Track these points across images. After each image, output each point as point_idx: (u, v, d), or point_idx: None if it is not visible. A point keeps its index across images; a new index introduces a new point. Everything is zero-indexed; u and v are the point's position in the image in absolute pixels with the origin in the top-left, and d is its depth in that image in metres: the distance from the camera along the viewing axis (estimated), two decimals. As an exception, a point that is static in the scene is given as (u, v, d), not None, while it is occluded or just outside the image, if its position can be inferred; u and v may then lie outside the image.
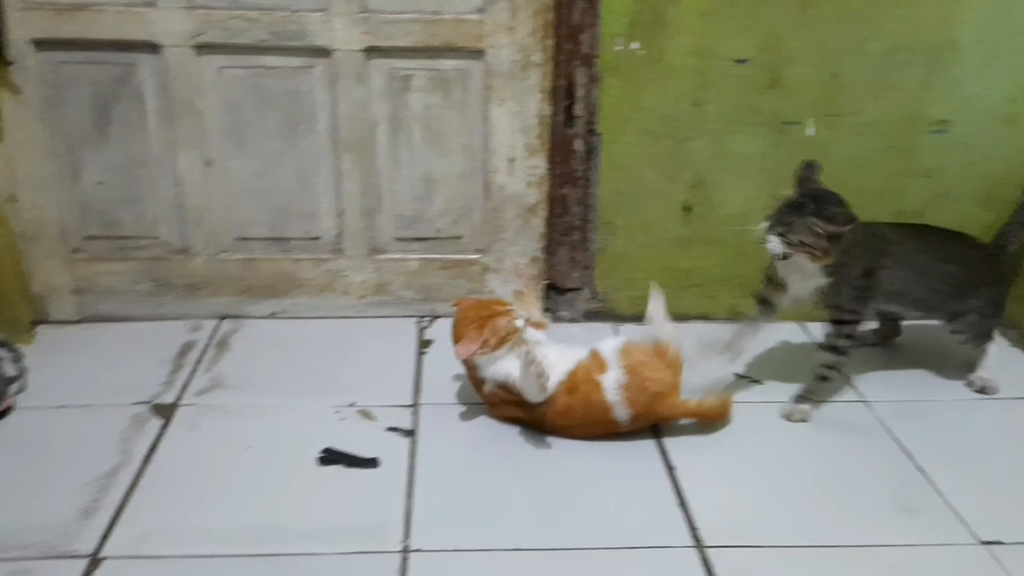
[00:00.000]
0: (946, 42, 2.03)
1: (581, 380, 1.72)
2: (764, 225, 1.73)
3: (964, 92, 2.08)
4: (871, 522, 1.55)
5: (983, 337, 1.95)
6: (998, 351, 2.04)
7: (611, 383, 1.70)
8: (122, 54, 1.96)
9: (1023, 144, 2.12)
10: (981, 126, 2.11)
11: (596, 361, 1.74)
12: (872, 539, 1.51)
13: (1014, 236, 2.01)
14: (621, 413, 1.71)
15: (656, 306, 1.83)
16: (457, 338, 1.77)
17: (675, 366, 1.75)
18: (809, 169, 1.76)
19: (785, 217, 1.69)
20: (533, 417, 1.75)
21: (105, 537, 1.48)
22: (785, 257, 1.72)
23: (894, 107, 2.09)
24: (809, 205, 1.68)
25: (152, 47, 1.96)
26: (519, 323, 1.75)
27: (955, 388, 1.98)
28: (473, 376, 1.80)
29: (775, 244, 1.70)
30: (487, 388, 1.77)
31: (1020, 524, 1.55)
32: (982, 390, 1.95)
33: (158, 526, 1.51)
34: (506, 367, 1.74)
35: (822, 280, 1.76)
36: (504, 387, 1.74)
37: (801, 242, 1.68)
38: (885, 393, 1.94)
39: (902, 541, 1.51)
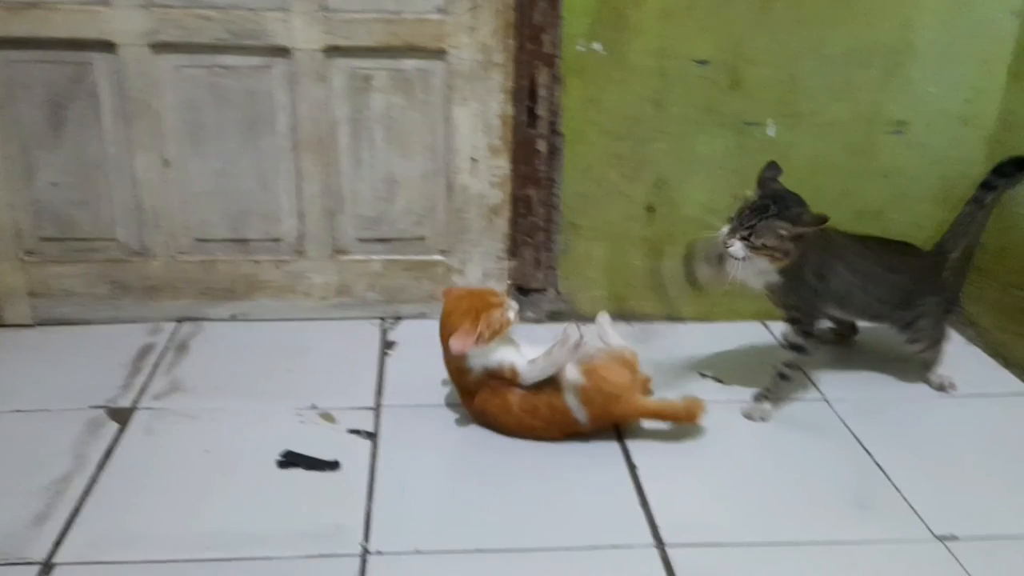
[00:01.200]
0: (903, 44, 2.06)
1: (544, 381, 1.72)
2: (725, 229, 1.72)
3: (921, 93, 2.11)
4: (829, 518, 1.56)
5: (938, 342, 1.98)
6: (957, 349, 2.08)
7: (570, 385, 1.71)
8: (76, 53, 1.93)
9: (979, 144, 2.15)
10: (938, 127, 2.14)
11: None
12: (830, 535, 1.52)
13: (955, 243, 2.05)
14: (580, 414, 1.72)
15: (604, 324, 1.86)
16: (449, 329, 1.72)
17: (632, 367, 1.76)
18: (771, 170, 1.75)
19: (748, 220, 1.69)
20: (503, 408, 1.73)
21: (58, 543, 1.45)
22: (745, 259, 1.71)
23: (853, 108, 2.11)
24: (771, 207, 1.68)
25: (107, 46, 1.93)
26: (511, 315, 1.74)
27: (914, 386, 2.00)
28: (457, 365, 1.76)
29: (738, 248, 1.69)
30: (473, 376, 1.74)
31: (974, 519, 1.57)
32: (940, 388, 1.98)
33: (113, 531, 1.48)
34: (498, 355, 1.72)
35: (774, 278, 1.77)
36: (494, 374, 1.73)
37: (764, 245, 1.68)
38: (845, 392, 1.96)
39: (859, 537, 1.52)
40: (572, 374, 1.71)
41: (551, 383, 1.71)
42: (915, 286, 1.91)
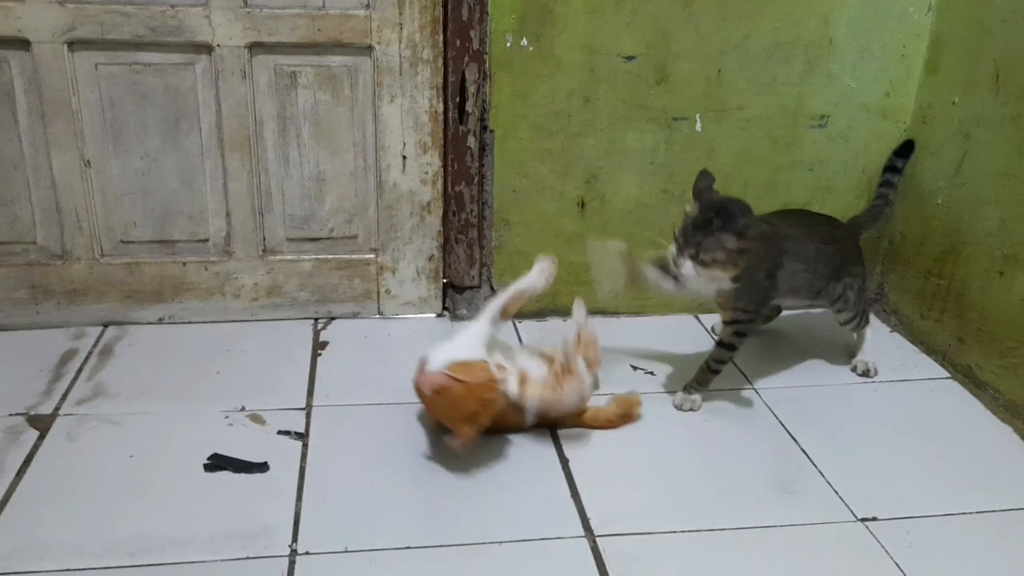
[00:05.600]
0: (823, 39, 2.10)
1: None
2: (673, 248, 1.69)
3: (842, 87, 2.16)
4: (756, 504, 1.59)
5: (863, 317, 2.02)
6: (880, 336, 2.14)
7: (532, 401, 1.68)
8: (-12, 50, 1.88)
9: (898, 137, 2.20)
10: (858, 120, 2.19)
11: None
12: (757, 520, 1.55)
13: (864, 228, 2.10)
14: (530, 417, 1.72)
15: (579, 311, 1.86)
16: (451, 425, 1.60)
17: (582, 378, 1.75)
18: (705, 179, 1.71)
19: (694, 237, 1.66)
20: None
21: (-28, 555, 1.41)
22: (697, 276, 1.69)
23: (777, 102, 2.15)
24: (715, 220, 1.64)
25: (21, 43, 1.87)
26: (504, 391, 1.61)
27: (839, 373, 2.04)
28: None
29: (689, 268, 1.66)
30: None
31: (894, 501, 1.61)
32: (865, 373, 2.03)
33: (30, 541, 1.44)
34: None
35: (727, 285, 1.75)
36: None
37: (714, 260, 1.66)
38: (773, 380, 2.00)
39: (785, 521, 1.55)
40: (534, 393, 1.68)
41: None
42: (843, 256, 1.95)
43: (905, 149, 2.17)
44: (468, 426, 1.56)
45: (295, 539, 1.47)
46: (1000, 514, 1.59)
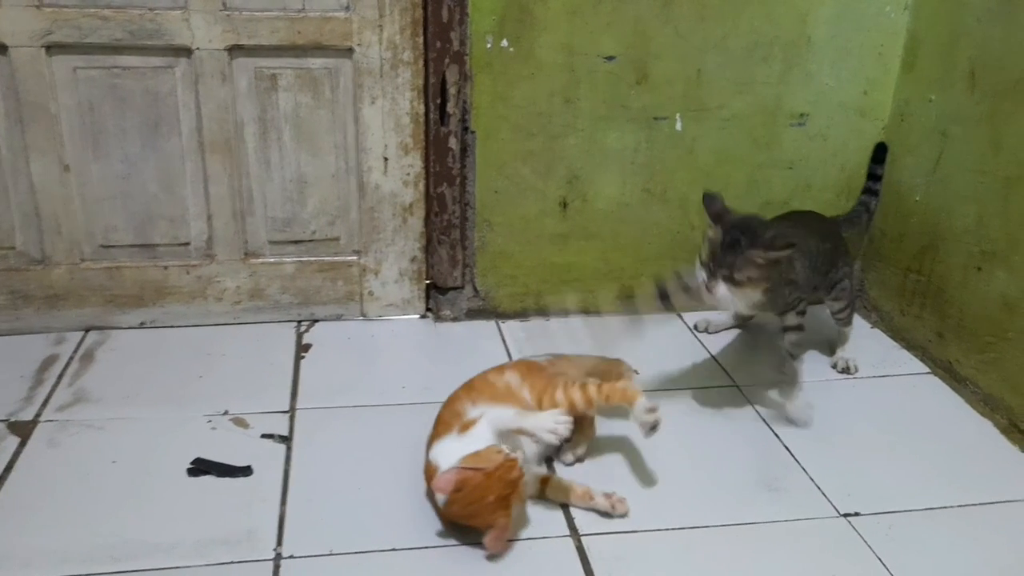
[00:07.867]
0: (801, 38, 2.12)
1: None
2: (702, 275, 1.66)
3: (820, 86, 2.17)
4: (740, 501, 1.60)
5: (853, 309, 2.05)
6: (861, 332, 2.16)
7: None
8: (-35, 55, 1.86)
9: (876, 135, 2.22)
10: (837, 119, 2.21)
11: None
12: (740, 517, 1.56)
13: (843, 228, 2.12)
14: None
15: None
16: (481, 521, 1.45)
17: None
18: (715, 202, 1.68)
19: (725, 259, 1.62)
20: None
21: (-47, 564, 1.40)
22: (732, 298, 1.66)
23: (756, 101, 2.16)
24: (741, 239, 1.61)
25: (-2, 47, 1.87)
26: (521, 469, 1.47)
27: (820, 370, 2.06)
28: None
29: (723, 291, 1.63)
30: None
31: (876, 496, 1.62)
32: (845, 370, 2.04)
33: (13, 548, 1.43)
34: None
35: (759, 298, 1.71)
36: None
37: (749, 278, 1.63)
38: (755, 378, 2.01)
39: (768, 518, 1.56)
40: None
41: None
42: (835, 248, 1.98)
43: (880, 153, 2.19)
44: (502, 514, 1.43)
45: (280, 543, 1.47)
46: (980, 507, 1.61)
